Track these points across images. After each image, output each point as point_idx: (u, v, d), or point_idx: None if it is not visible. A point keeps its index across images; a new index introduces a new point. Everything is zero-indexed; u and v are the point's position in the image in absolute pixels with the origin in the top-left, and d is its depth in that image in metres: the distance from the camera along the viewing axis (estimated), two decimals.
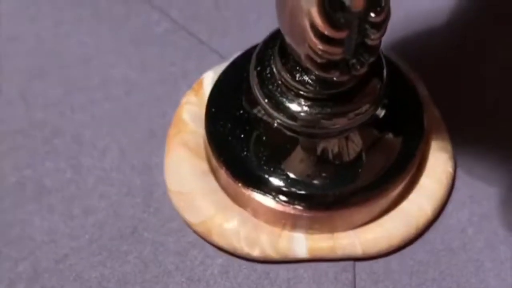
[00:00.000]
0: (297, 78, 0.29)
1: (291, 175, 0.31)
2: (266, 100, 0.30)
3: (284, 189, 0.31)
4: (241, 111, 0.32)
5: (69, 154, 0.34)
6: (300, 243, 0.32)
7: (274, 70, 0.30)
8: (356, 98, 0.30)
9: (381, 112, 0.32)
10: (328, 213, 0.31)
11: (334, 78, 0.29)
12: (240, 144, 0.32)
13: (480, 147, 0.34)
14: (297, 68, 0.29)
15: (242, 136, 0.32)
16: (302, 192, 0.31)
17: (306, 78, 0.29)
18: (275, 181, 0.31)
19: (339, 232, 0.32)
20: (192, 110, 0.34)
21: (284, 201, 0.31)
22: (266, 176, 0.31)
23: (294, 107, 0.30)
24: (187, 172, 0.33)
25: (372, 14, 0.27)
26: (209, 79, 0.34)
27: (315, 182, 0.31)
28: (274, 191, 0.31)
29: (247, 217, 0.32)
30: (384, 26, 0.28)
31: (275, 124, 0.31)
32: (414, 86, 0.34)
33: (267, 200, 0.31)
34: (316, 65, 0.28)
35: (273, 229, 0.32)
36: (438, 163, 0.33)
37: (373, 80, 0.30)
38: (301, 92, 0.30)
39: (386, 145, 0.32)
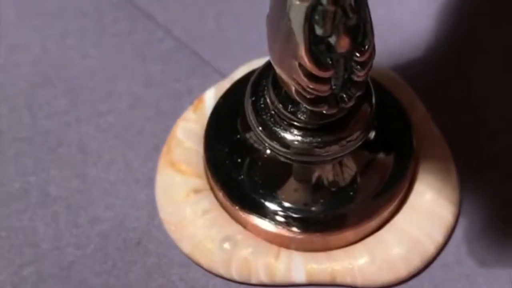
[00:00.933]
0: (289, 109, 0.31)
1: (287, 204, 0.32)
2: (260, 128, 0.31)
3: (281, 213, 0.32)
4: (238, 136, 0.33)
5: (74, 164, 0.34)
6: (298, 268, 0.32)
7: (268, 100, 0.31)
8: (347, 126, 0.31)
9: (371, 134, 0.33)
10: (325, 235, 0.32)
11: (324, 111, 0.30)
12: (237, 168, 0.33)
13: (481, 164, 0.34)
14: (289, 99, 0.30)
15: (239, 160, 0.33)
16: (299, 215, 0.32)
17: (297, 109, 0.30)
18: (272, 206, 0.32)
19: (337, 254, 0.33)
20: (188, 126, 0.35)
21: (281, 224, 0.32)
22: (262, 200, 0.33)
23: (287, 136, 0.31)
24: (176, 196, 0.33)
25: (357, 54, 0.28)
26: (210, 96, 0.35)
27: (312, 208, 0.33)
28: (271, 214, 0.32)
29: (242, 240, 0.33)
30: (369, 64, 0.29)
31: (267, 151, 0.32)
32: (403, 105, 0.34)
33: (264, 223, 0.32)
34: (305, 100, 0.29)
35: (269, 252, 0.33)
36: (442, 184, 0.33)
37: (362, 107, 0.31)
38: (293, 122, 0.31)
39: (379, 165, 0.33)
